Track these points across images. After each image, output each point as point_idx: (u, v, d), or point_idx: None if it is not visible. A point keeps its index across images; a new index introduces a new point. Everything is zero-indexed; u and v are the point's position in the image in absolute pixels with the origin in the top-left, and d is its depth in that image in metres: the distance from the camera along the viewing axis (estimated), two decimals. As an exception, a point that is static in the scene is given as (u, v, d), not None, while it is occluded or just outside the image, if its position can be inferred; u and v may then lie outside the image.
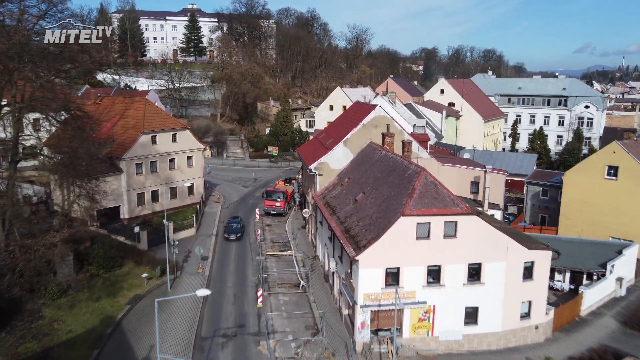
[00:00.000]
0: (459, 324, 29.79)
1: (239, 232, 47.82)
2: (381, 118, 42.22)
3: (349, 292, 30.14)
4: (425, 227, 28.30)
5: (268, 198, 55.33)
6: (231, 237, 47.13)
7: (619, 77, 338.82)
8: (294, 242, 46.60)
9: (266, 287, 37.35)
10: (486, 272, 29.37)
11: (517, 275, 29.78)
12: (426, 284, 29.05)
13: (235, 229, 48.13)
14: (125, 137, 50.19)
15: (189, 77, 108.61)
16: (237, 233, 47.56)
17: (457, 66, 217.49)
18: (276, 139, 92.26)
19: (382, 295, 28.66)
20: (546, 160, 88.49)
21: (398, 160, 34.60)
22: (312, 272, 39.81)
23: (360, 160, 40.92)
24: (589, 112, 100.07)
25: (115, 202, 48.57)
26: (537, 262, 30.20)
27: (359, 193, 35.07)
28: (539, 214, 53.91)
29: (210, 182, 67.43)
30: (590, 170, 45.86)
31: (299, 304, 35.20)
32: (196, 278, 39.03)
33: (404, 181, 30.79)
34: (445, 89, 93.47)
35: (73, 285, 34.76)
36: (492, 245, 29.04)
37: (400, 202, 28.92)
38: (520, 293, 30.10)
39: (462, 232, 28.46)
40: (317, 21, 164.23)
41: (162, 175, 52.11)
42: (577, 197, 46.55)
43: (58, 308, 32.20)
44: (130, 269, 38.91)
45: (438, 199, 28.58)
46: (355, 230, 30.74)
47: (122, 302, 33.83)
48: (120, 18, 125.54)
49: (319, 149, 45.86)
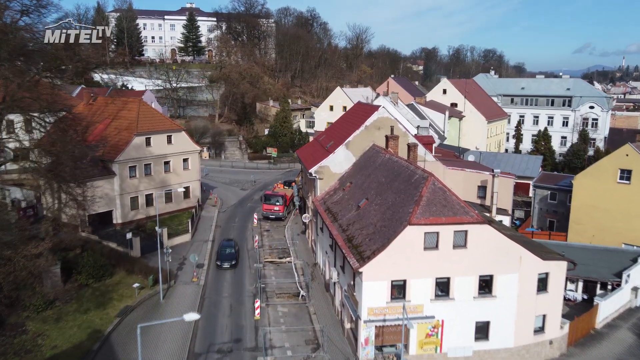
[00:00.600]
0: (469, 339, 27.98)
1: (233, 258, 41.79)
2: (384, 119, 40.41)
3: (352, 305, 28.33)
4: (434, 237, 26.51)
5: (266, 202, 53.52)
6: (224, 264, 41.15)
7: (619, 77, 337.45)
8: (293, 249, 44.80)
9: (264, 297, 35.55)
10: (498, 285, 27.58)
11: (530, 287, 27.99)
12: (434, 297, 27.25)
13: (229, 254, 41.96)
14: (118, 139, 48.35)
15: (186, 76, 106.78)
16: (231, 260, 41.58)
17: (457, 66, 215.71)
18: (275, 140, 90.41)
19: (387, 310, 26.87)
20: (551, 161, 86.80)
21: (403, 164, 32.79)
22: (312, 280, 38.02)
23: (362, 163, 39.11)
24: (594, 112, 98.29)
25: (108, 207, 46.72)
26: (551, 274, 28.41)
27: (362, 199, 33.26)
28: (547, 219, 52.13)
29: (207, 184, 65.62)
30: (602, 174, 44.11)
31: (299, 316, 33.38)
32: (190, 287, 37.21)
33: (410, 187, 28.99)
34: (447, 89, 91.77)
35: (60, 296, 33.03)
36: (505, 256, 27.25)
37: (406, 210, 27.13)
38: (534, 306, 28.30)
39: (472, 242, 26.68)
40: (316, 20, 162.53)
41: (156, 179, 50.26)
42: (587, 202, 44.80)
43: (43, 321, 30.37)
44: (121, 278, 37.07)
45: (447, 207, 26.79)
46: (359, 240, 28.94)
47: (111, 315, 31.97)
48: (117, 17, 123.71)
49: (319, 152, 44.06)
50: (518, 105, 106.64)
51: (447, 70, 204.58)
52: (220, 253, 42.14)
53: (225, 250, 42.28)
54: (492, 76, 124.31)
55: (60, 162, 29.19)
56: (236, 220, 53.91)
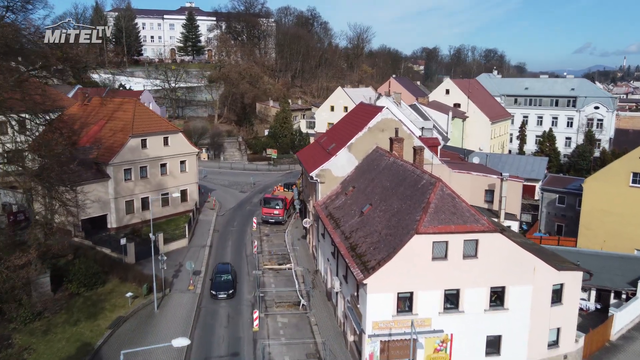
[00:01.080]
0: (479, 354, 26.45)
1: (230, 287, 35.73)
2: (388, 121, 38.89)
3: (356, 318, 26.82)
4: (442, 247, 25.00)
5: (266, 205, 51.99)
6: (220, 294, 35.17)
7: (620, 77, 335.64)
8: (293, 254, 43.29)
9: (263, 306, 34.03)
10: (510, 297, 26.06)
11: (544, 299, 26.50)
12: (443, 310, 25.73)
13: (225, 282, 36.19)
14: (113, 141, 46.88)
15: (185, 76, 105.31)
16: (227, 289, 35.49)
17: (458, 66, 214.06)
18: (275, 141, 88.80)
19: (393, 323, 25.35)
20: (556, 163, 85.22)
21: (409, 168, 31.27)
22: (313, 289, 36.49)
23: (365, 167, 37.60)
24: (599, 113, 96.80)
25: (102, 211, 45.26)
26: (566, 284, 26.94)
27: (366, 204, 31.74)
28: (555, 223, 50.56)
29: (205, 187, 64.07)
30: (613, 177, 42.54)
31: (299, 326, 31.87)
32: (186, 295, 35.69)
33: (416, 193, 27.47)
34: (450, 89, 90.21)
35: (49, 306, 31.53)
36: (518, 267, 25.73)
37: (413, 218, 25.61)
38: (547, 319, 26.82)
39: (483, 251, 25.16)
40: (317, 20, 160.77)
41: (152, 182, 48.77)
42: (598, 206, 43.23)
43: (30, 334, 28.89)
44: (114, 286, 35.57)
45: (456, 214, 25.27)
46: (362, 248, 27.42)
47: (102, 326, 30.43)
48: (116, 17, 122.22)
49: (321, 154, 42.56)
50: (522, 106, 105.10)
51: (448, 70, 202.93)
52: (215, 280, 36.39)
53: (220, 277, 36.56)
54: (495, 76, 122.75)
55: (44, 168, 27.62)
56: (235, 224, 52.41)
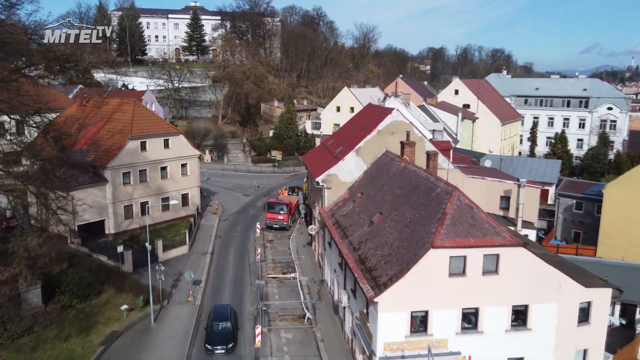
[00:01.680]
0: (499, 378, 24.47)
1: (230, 339, 28.28)
2: (399, 124, 36.85)
3: (365, 337, 24.85)
4: (460, 262, 23.02)
5: (270, 210, 50.06)
6: (217, 349, 27.71)
7: (628, 77, 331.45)
8: (298, 263, 41.35)
9: (266, 319, 32.10)
10: (534, 316, 24.03)
11: (571, 318, 24.43)
12: (460, 330, 23.73)
13: (223, 332, 28.60)
14: (111, 143, 45.09)
15: (189, 76, 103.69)
16: (226, 342, 28.01)
17: (464, 66, 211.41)
18: (280, 142, 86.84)
19: (406, 345, 23.37)
20: (568, 165, 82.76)
21: (422, 174, 29.25)
22: (319, 300, 34.51)
23: (374, 172, 35.59)
24: (612, 114, 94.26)
25: (99, 216, 43.48)
26: (594, 302, 24.83)
27: (375, 213, 29.74)
28: (572, 230, 48.34)
29: (208, 190, 62.27)
30: (636, 183, 40.35)
31: (304, 343, 29.92)
32: (185, 308, 33.82)
33: (431, 202, 25.46)
34: (460, 89, 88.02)
35: (40, 319, 29.77)
36: (542, 283, 23.69)
37: (428, 230, 23.62)
38: (574, 340, 24.73)
39: (505, 267, 23.15)
40: (323, 19, 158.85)
41: (152, 186, 46.95)
42: (619, 214, 41.01)
43: (18, 350, 27.12)
44: (109, 297, 33.75)
45: (475, 226, 23.25)
46: (373, 262, 25.45)
47: (95, 342, 28.57)
48: (119, 16, 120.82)
49: (327, 158, 40.59)
50: (532, 106, 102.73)
51: (454, 70, 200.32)
52: (211, 330, 28.88)
53: (218, 326, 28.95)
54: (504, 76, 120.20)
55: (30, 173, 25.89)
56: (238, 229, 50.53)
